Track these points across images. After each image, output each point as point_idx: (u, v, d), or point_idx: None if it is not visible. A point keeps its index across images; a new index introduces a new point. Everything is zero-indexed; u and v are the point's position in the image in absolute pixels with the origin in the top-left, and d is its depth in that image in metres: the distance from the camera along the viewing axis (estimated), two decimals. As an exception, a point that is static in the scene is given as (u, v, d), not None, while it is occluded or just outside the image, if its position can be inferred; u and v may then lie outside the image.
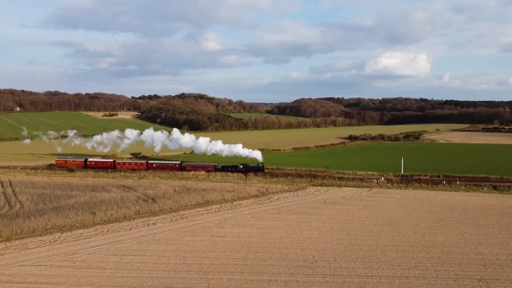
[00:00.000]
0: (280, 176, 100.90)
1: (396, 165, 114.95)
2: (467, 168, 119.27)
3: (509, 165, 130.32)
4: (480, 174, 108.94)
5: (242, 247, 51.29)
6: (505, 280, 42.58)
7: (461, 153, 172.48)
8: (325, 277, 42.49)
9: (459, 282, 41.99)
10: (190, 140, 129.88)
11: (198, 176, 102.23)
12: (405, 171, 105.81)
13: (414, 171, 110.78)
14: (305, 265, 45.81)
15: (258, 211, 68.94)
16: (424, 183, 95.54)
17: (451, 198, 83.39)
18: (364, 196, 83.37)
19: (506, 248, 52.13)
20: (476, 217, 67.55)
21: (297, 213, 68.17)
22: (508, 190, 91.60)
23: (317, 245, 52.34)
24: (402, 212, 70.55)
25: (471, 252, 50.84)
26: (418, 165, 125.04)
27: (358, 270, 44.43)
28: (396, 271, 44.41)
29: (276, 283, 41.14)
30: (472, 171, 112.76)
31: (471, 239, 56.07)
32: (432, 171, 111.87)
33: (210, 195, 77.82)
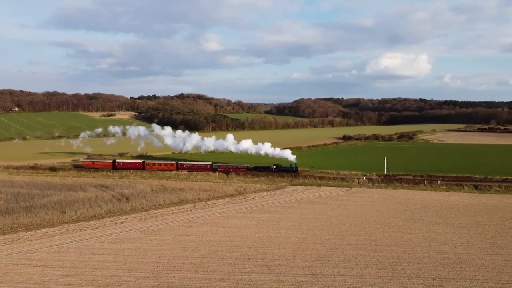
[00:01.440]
0: (261, 176, 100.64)
1: (383, 165, 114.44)
2: (454, 168, 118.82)
3: (498, 164, 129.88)
4: (466, 174, 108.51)
5: (204, 246, 51.12)
6: (460, 279, 42.29)
7: (453, 153, 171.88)
8: (279, 276, 42.29)
9: (413, 281, 41.73)
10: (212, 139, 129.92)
11: (180, 176, 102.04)
12: (388, 171, 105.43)
13: (398, 171, 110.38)
14: (263, 263, 45.61)
15: (230, 210, 68.78)
16: (405, 182, 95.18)
17: (429, 197, 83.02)
18: (341, 195, 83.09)
19: (470, 247, 51.82)
20: (448, 217, 67.20)
21: (268, 212, 67.96)
22: (489, 189, 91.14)
23: (280, 244, 52.15)
24: (375, 211, 70.27)
25: (434, 251, 50.54)
26: (406, 165, 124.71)
27: (314, 269, 44.21)
28: (352, 270, 44.17)
29: (228, 281, 40.96)
30: (458, 171, 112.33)
31: (437, 238, 55.76)
32: (417, 171, 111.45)
33: (186, 195, 77.70)
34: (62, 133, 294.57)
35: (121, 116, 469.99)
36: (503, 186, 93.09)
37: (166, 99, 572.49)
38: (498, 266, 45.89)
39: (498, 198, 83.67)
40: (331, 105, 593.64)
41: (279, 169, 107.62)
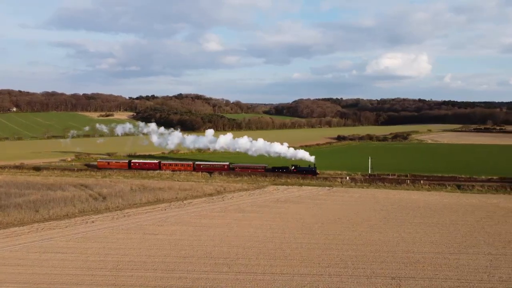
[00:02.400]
0: (244, 175, 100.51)
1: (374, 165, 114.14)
2: (442, 168, 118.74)
3: (487, 164, 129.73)
4: (454, 174, 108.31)
5: (170, 245, 51.01)
6: (420, 278, 42.09)
7: (444, 153, 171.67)
8: (237, 275, 42.13)
9: (371, 280, 41.55)
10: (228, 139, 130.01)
11: (162, 175, 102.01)
12: (373, 171, 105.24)
13: (387, 171, 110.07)
14: (224, 262, 45.47)
15: (204, 210, 68.67)
16: (388, 182, 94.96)
17: (408, 197, 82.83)
18: (321, 195, 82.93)
19: (438, 247, 51.61)
20: (424, 216, 66.99)
21: (243, 212, 67.83)
22: (471, 189, 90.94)
23: (246, 243, 51.99)
24: (351, 211, 70.08)
25: (400, 250, 50.35)
26: (395, 165, 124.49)
27: (275, 268, 44.05)
28: (313, 269, 43.98)
29: (185, 280, 40.84)
30: (446, 171, 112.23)
31: (407, 237, 55.56)
32: (405, 171, 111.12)
33: (164, 194, 77.62)
34: (58, 133, 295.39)
35: (119, 116, 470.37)
36: (486, 186, 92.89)
37: (165, 99, 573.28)
38: (461, 265, 45.69)
39: (479, 197, 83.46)
40: (329, 105, 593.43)
41: (297, 169, 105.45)
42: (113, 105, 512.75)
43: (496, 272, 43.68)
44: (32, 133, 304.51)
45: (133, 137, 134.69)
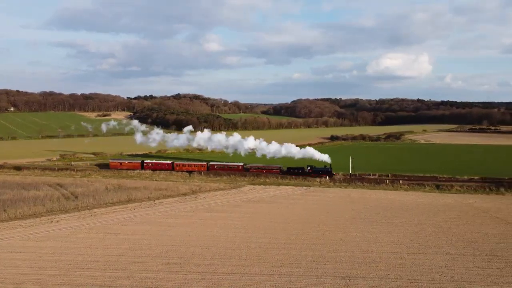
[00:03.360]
0: (223, 175, 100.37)
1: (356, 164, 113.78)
2: (427, 167, 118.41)
3: (472, 164, 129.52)
4: (438, 173, 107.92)
5: (128, 244, 50.85)
6: (370, 278, 41.82)
7: (434, 153, 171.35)
8: (186, 274, 41.93)
9: (321, 279, 41.30)
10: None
11: (142, 175, 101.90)
12: (354, 170, 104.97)
13: (368, 171, 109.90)
14: (177, 262, 45.28)
15: (174, 209, 68.51)
16: (367, 182, 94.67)
17: (385, 197, 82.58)
18: (296, 195, 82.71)
19: (398, 247, 51.34)
20: (393, 216, 66.72)
21: (212, 211, 67.65)
22: (450, 189, 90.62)
23: (205, 243, 51.79)
24: (322, 210, 69.85)
25: (358, 250, 50.08)
26: (381, 164, 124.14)
27: (226, 268, 43.84)
28: (265, 268, 43.74)
29: (133, 279, 40.64)
30: (429, 171, 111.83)
31: (370, 237, 55.29)
32: (387, 171, 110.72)
33: (137, 194, 77.50)
34: (53, 133, 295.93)
35: (116, 116, 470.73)
36: (465, 186, 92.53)
37: (163, 99, 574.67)
38: (416, 265, 45.41)
39: (455, 198, 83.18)
40: (327, 105, 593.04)
41: (313, 170, 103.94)
42: (110, 105, 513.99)
43: (449, 272, 43.39)
44: (28, 133, 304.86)
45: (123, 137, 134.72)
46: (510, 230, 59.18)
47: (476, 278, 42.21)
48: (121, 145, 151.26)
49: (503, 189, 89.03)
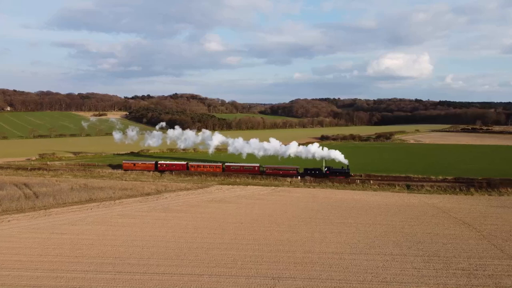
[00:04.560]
0: (194, 175, 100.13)
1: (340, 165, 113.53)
2: (405, 168, 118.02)
3: (453, 164, 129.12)
4: (415, 173, 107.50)
5: (70, 244, 50.60)
6: (301, 278, 41.51)
7: (420, 153, 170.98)
8: (116, 275, 41.68)
9: (250, 280, 41.03)
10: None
11: (113, 174, 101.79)
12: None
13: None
14: (113, 262, 45.02)
15: (131, 209, 68.25)
16: (338, 182, 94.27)
17: (350, 197, 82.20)
18: (262, 194, 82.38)
19: (342, 247, 50.94)
20: (350, 216, 66.33)
21: (168, 211, 67.37)
22: (420, 189, 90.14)
23: (149, 243, 51.51)
24: (281, 210, 69.51)
25: (301, 250, 49.75)
26: (362, 164, 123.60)
27: (159, 268, 43.53)
28: (198, 269, 43.46)
29: (60, 280, 40.41)
30: (405, 171, 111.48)
31: (317, 237, 54.96)
32: (365, 171, 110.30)
33: (100, 193, 77.28)
34: (46, 132, 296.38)
35: (112, 115, 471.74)
36: (436, 186, 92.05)
37: (160, 99, 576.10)
38: (353, 265, 45.09)
39: (421, 198, 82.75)
40: (324, 105, 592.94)
41: (330, 171, 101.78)
42: (107, 104, 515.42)
43: (383, 273, 43.08)
44: (22, 132, 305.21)
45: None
46: (462, 231, 58.79)
47: (409, 279, 41.90)
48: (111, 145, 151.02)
49: (473, 189, 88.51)
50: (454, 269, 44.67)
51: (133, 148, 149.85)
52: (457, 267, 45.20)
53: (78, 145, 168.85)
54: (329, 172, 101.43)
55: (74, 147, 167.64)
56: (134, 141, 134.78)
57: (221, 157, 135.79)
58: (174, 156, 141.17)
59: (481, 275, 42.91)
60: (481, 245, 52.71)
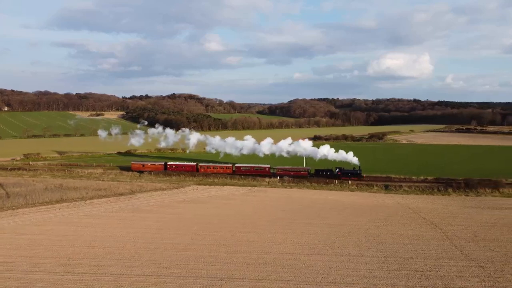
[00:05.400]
0: (173, 175, 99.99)
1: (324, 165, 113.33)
2: (389, 168, 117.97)
3: (437, 164, 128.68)
4: (397, 173, 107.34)
5: (27, 244, 50.36)
6: (249, 279, 41.21)
7: (408, 153, 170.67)
8: (64, 275, 41.45)
9: (198, 281, 40.77)
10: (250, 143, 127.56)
11: (92, 175, 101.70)
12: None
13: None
14: (65, 262, 44.71)
15: (100, 210, 68.06)
16: (316, 182, 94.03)
17: (325, 197, 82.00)
18: (236, 195, 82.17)
19: (301, 248, 50.65)
20: (318, 217, 66.06)
21: (137, 212, 67.18)
22: (397, 190, 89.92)
23: (107, 244, 51.24)
24: (250, 211, 69.25)
25: (257, 251, 49.48)
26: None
27: (111, 268, 43.25)
28: (148, 269, 43.12)
29: (7, 280, 40.22)
30: (388, 171, 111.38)
31: (278, 238, 54.67)
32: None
33: (72, 194, 77.17)
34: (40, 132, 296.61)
35: (109, 115, 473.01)
36: (414, 187, 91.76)
37: (158, 99, 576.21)
38: (306, 266, 44.81)
39: (397, 198, 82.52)
40: (322, 105, 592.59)
41: (342, 172, 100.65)
42: (105, 104, 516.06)
43: (334, 274, 42.81)
44: (17, 132, 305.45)
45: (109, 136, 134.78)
46: (427, 231, 58.52)
47: (358, 280, 41.63)
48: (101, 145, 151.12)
49: (450, 190, 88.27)
50: (408, 270, 44.35)
51: (120, 148, 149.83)
52: (411, 268, 44.87)
53: (68, 145, 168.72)
54: (340, 173, 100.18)
55: (63, 147, 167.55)
56: (119, 140, 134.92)
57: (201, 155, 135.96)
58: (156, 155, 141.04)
59: (433, 276, 42.60)
60: (442, 245, 52.41)
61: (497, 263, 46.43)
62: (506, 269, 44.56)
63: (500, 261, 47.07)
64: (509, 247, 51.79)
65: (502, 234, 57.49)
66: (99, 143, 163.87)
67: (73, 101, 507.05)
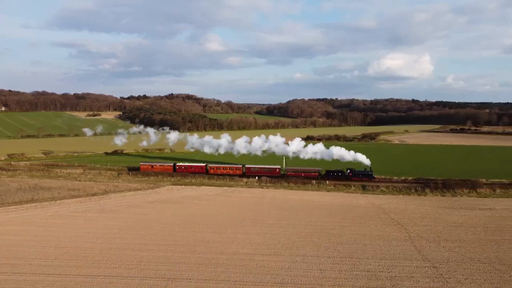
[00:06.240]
0: (151, 175, 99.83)
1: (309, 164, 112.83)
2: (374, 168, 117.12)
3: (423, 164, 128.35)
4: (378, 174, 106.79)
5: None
6: (196, 280, 40.79)
7: (399, 153, 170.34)
8: (11, 275, 41.12)
9: (144, 281, 40.30)
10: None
11: (70, 175, 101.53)
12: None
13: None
14: (15, 262, 44.25)
15: (68, 210, 67.79)
16: (294, 182, 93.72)
17: (299, 198, 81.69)
18: (210, 195, 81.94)
19: (258, 248, 50.20)
20: (285, 217, 65.70)
21: (104, 212, 66.90)
22: (374, 190, 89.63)
23: (65, 243, 50.95)
24: (220, 211, 68.92)
25: (213, 252, 48.98)
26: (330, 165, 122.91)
27: (60, 269, 42.79)
28: (97, 269, 42.72)
29: (-51, 281, 40.21)
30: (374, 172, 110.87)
31: (239, 238, 54.26)
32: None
33: (44, 194, 77.01)
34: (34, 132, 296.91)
35: (106, 116, 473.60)
36: (391, 187, 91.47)
37: (156, 99, 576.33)
38: (258, 267, 44.47)
39: (372, 198, 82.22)
40: (320, 105, 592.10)
41: (353, 173, 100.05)
42: (102, 105, 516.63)
43: (284, 274, 42.45)
44: (12, 132, 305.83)
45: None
46: (391, 231, 58.25)
47: (307, 280, 41.29)
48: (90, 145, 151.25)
49: (428, 190, 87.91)
50: (360, 270, 44.04)
51: (107, 148, 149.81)
52: (364, 268, 44.56)
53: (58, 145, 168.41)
54: (352, 174, 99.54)
55: (53, 146, 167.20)
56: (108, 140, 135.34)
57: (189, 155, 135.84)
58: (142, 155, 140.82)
59: (383, 277, 42.29)
60: (402, 246, 52.11)
61: (452, 263, 46.07)
62: (459, 270, 44.17)
63: (456, 261, 46.70)
64: (469, 248, 51.42)
65: (466, 235, 57.15)
66: (90, 143, 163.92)
67: (70, 101, 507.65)
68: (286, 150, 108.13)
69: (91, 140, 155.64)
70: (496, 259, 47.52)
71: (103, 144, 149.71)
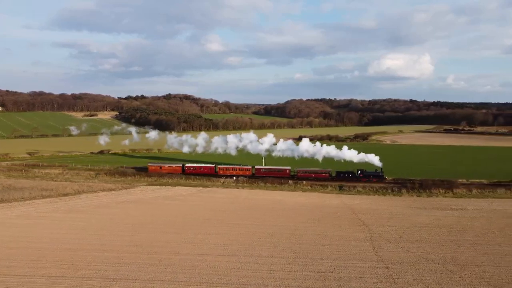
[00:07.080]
0: (128, 175, 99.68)
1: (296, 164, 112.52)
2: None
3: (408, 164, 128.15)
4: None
5: None
6: (141, 280, 40.38)
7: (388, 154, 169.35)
8: (-45, 276, 41.25)
9: (90, 281, 39.89)
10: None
11: (48, 175, 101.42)
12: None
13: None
14: (-36, 263, 44.58)
15: (36, 210, 67.52)
16: (270, 182, 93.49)
17: (271, 198, 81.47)
18: (184, 195, 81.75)
19: (212, 249, 49.86)
20: (251, 217, 65.47)
21: (71, 212, 66.68)
22: (351, 190, 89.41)
23: (20, 243, 50.65)
24: (187, 211, 68.70)
25: (168, 252, 48.68)
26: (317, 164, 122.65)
27: (12, 269, 42.68)
28: (44, 270, 42.27)
29: None
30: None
31: (199, 238, 53.91)
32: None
33: (15, 194, 76.85)
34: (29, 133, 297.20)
35: (103, 116, 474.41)
36: (368, 187, 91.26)
37: (154, 99, 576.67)
38: (208, 267, 44.14)
39: (346, 198, 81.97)
40: (318, 105, 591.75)
41: (364, 174, 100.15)
42: (99, 105, 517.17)
43: (233, 275, 42.12)
44: (8, 133, 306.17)
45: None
46: (355, 232, 57.92)
47: (254, 280, 40.97)
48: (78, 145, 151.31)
49: (404, 190, 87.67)
50: (310, 271, 43.72)
51: (93, 148, 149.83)
52: (315, 269, 44.24)
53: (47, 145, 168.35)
54: (362, 175, 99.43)
55: (41, 147, 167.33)
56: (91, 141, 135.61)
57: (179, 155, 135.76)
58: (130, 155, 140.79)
59: (332, 277, 41.97)
60: (360, 246, 51.82)
61: (405, 264, 45.77)
62: (411, 270, 43.87)
63: (409, 262, 46.41)
64: (427, 248, 51.13)
65: (429, 235, 56.86)
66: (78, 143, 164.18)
67: (68, 101, 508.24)
68: (259, 148, 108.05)
69: (80, 140, 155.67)
70: (451, 259, 47.22)
71: (90, 144, 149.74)
